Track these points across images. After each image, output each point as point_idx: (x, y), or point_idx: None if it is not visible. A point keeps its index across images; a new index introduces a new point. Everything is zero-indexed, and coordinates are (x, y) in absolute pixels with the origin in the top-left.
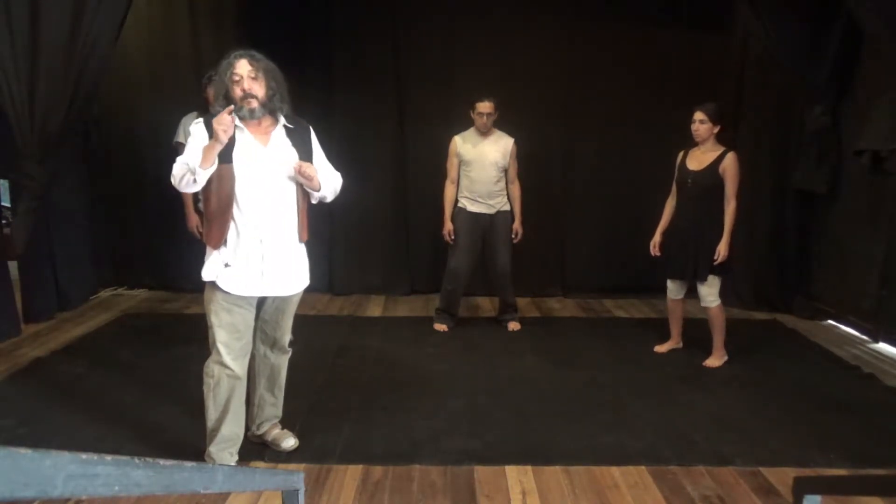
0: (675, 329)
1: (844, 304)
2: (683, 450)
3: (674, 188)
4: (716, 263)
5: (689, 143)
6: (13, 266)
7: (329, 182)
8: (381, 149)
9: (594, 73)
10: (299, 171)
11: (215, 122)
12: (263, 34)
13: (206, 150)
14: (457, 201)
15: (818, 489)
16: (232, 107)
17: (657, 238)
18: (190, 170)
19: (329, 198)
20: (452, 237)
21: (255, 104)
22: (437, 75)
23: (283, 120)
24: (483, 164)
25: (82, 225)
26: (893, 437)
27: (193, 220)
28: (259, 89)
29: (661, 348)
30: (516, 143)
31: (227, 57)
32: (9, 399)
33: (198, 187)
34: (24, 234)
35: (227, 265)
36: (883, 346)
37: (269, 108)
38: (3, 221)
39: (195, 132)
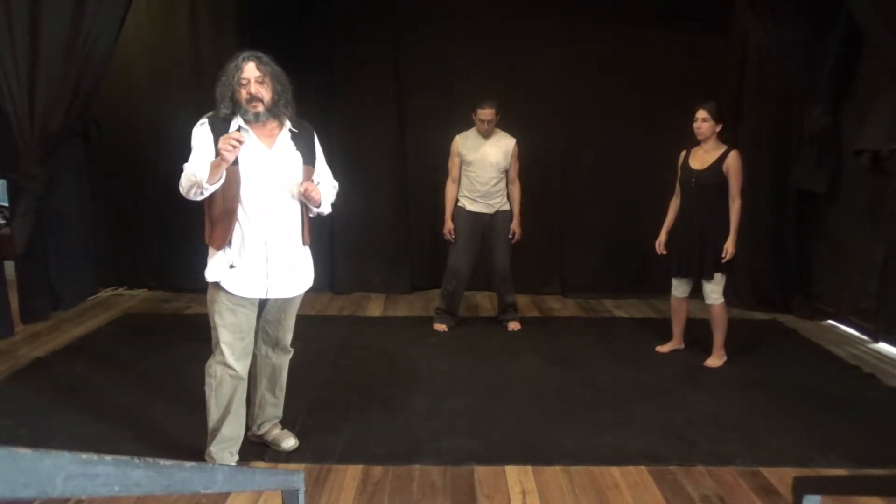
0: (678, 329)
1: (844, 304)
2: (683, 450)
3: (677, 187)
4: (724, 261)
5: (691, 142)
6: (9, 266)
7: (328, 197)
8: (382, 148)
9: (594, 73)
10: (303, 194)
11: (221, 142)
12: (264, 35)
13: (213, 167)
14: (457, 200)
15: (818, 489)
16: (242, 135)
17: (663, 237)
18: (196, 183)
19: (326, 212)
20: (453, 236)
21: (260, 108)
22: (437, 75)
23: (288, 124)
24: (484, 165)
25: (79, 225)
26: (893, 437)
27: None
28: (265, 93)
29: (662, 348)
30: (517, 143)
31: (234, 59)
32: (9, 399)
33: (205, 196)
34: (25, 233)
35: (231, 266)
36: (883, 346)
37: (274, 113)
38: (2, 222)
39: (199, 135)
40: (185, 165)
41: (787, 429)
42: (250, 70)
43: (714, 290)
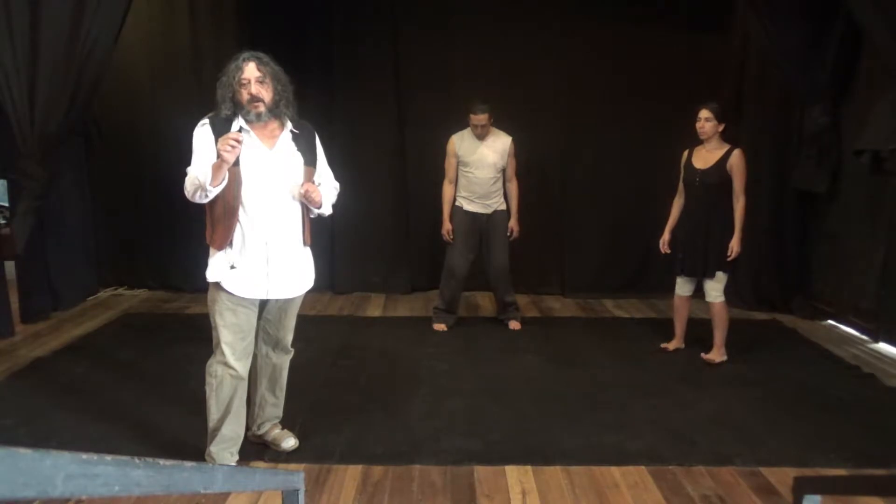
0: (680, 328)
1: (844, 304)
2: (683, 450)
3: (680, 187)
4: (729, 259)
5: (691, 141)
6: (9, 266)
7: (329, 198)
8: (382, 149)
9: (594, 73)
10: (304, 196)
11: (220, 144)
12: (264, 35)
13: (215, 168)
14: (454, 200)
15: (818, 489)
16: (240, 135)
17: (666, 236)
18: (200, 186)
19: (327, 213)
20: (451, 236)
21: (261, 108)
22: (437, 76)
23: (289, 125)
24: (481, 165)
25: (79, 225)
26: (893, 437)
27: None
28: (266, 93)
29: (668, 346)
30: (514, 141)
31: (234, 59)
32: (9, 399)
33: (209, 199)
34: (24, 233)
35: (232, 267)
36: (883, 346)
37: (276, 113)
38: (2, 222)
39: (200, 136)
40: (189, 169)
41: (787, 429)
42: (250, 70)
43: (714, 289)
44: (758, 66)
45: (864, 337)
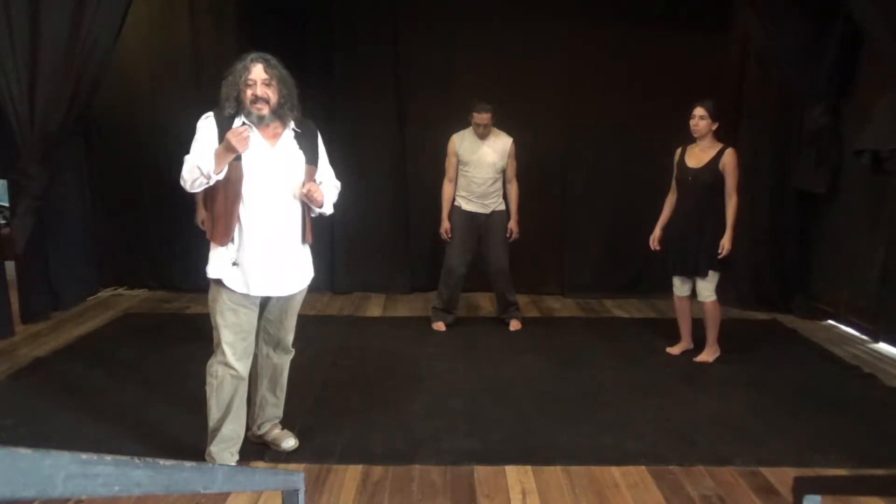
0: (685, 329)
1: (844, 304)
2: (683, 450)
3: (673, 185)
4: (720, 258)
5: (687, 139)
6: (10, 266)
7: (330, 197)
8: (382, 149)
9: (594, 73)
10: (306, 195)
11: (230, 135)
12: (264, 35)
13: (220, 156)
14: (454, 199)
15: (818, 489)
16: (248, 127)
17: (657, 233)
18: (203, 174)
19: (329, 212)
20: (449, 235)
21: (265, 111)
22: (437, 76)
23: (291, 123)
24: (481, 165)
25: (79, 225)
26: (893, 437)
27: (202, 213)
28: (272, 95)
29: (673, 350)
30: (515, 142)
31: (242, 59)
32: (9, 399)
33: (209, 185)
34: (24, 233)
35: (234, 263)
36: (883, 346)
37: (279, 115)
38: (2, 222)
39: (203, 128)
40: (188, 157)
41: (787, 429)
42: (258, 72)
43: (706, 288)
44: (758, 66)
45: (864, 337)
